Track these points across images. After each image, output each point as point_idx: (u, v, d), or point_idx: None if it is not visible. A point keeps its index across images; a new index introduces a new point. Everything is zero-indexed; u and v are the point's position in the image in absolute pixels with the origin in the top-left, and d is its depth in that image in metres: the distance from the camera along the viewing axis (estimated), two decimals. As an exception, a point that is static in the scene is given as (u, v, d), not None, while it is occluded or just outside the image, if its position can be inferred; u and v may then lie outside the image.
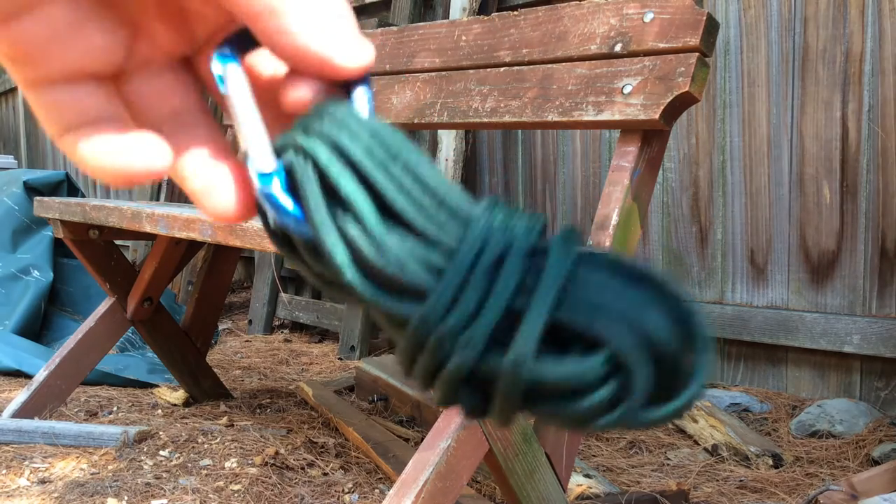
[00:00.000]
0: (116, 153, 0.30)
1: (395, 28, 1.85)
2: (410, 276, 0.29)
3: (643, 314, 0.28)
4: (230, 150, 0.34)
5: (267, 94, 0.34)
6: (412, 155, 0.31)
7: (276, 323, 3.44)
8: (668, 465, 1.83)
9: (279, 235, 0.32)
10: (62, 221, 1.89)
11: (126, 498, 1.50)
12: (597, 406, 0.28)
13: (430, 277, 0.29)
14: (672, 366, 0.29)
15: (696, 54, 1.29)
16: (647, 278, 0.29)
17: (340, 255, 0.29)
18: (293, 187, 0.31)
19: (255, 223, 1.24)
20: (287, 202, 0.30)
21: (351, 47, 0.31)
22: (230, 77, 0.32)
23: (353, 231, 0.29)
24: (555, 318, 0.28)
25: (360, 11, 3.32)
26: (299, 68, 0.31)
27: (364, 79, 0.33)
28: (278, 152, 0.31)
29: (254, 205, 0.32)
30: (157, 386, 2.36)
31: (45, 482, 1.58)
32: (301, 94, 0.32)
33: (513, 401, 0.29)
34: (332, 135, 0.30)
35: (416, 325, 0.29)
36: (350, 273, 0.29)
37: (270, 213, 0.31)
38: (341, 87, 0.33)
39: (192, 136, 0.33)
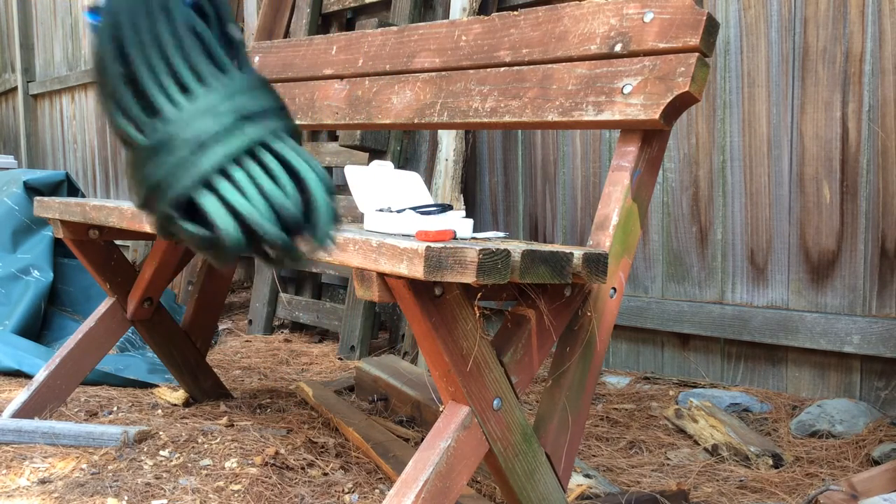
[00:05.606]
0: None
1: (395, 28, 1.85)
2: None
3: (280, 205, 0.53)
4: None
5: None
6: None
7: (276, 323, 3.44)
8: (668, 465, 1.83)
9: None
10: (62, 221, 1.89)
11: (126, 498, 1.50)
12: (203, 247, 0.52)
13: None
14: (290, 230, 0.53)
15: (696, 54, 1.29)
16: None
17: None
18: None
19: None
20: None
21: None
22: None
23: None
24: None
25: (360, 11, 3.32)
26: None
27: None
28: None
29: None
30: (157, 386, 2.36)
31: (45, 482, 1.58)
32: None
33: (161, 228, 0.49)
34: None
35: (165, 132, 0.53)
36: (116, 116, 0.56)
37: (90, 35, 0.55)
38: None
39: None
